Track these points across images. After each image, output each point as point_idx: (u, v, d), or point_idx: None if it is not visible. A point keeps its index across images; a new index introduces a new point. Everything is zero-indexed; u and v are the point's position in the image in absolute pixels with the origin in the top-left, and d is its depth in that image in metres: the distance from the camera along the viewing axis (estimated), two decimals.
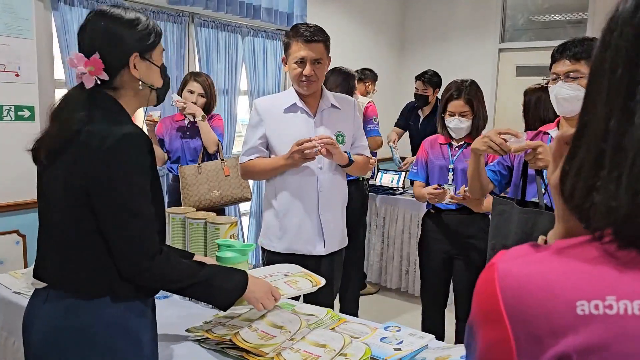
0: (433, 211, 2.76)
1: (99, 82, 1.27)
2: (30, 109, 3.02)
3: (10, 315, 1.86)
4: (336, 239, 2.25)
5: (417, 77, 4.29)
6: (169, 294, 1.85)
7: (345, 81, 3.37)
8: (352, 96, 3.47)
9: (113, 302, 1.25)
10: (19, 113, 2.97)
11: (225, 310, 1.43)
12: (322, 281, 1.75)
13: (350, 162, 2.16)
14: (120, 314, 1.26)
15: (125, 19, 1.31)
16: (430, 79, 4.18)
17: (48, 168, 1.29)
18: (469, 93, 2.57)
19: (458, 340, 2.86)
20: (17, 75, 2.94)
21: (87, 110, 1.26)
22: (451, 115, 2.58)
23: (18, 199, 2.99)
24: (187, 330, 1.58)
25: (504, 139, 1.78)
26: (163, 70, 1.40)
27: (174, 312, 1.75)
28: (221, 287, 1.38)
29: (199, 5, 3.68)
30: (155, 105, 1.45)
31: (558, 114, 1.85)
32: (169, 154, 3.16)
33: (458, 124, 2.57)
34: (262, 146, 2.17)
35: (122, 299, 1.26)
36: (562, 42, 1.82)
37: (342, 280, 2.43)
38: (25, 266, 2.95)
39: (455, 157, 2.68)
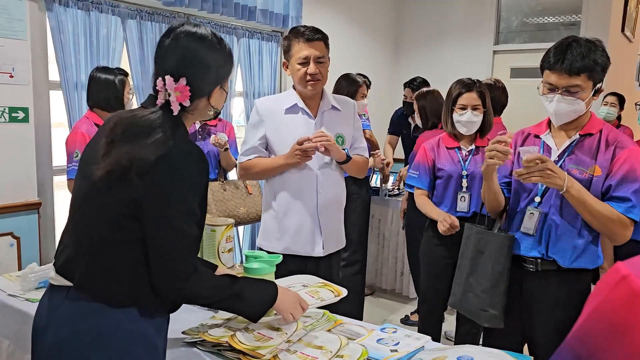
0: None
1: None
2: (25, 110, 3.00)
3: (4, 318, 1.85)
4: (334, 240, 2.25)
5: (406, 84, 4.27)
6: None
7: (351, 86, 3.43)
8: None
9: (137, 312, 1.25)
10: (13, 114, 2.96)
11: (256, 322, 1.43)
12: (344, 292, 1.72)
13: (349, 158, 2.16)
14: (142, 323, 1.26)
15: (217, 46, 1.30)
16: (419, 86, 4.16)
17: (103, 179, 1.22)
18: (480, 87, 2.52)
19: (457, 341, 2.86)
20: (11, 76, 2.93)
21: (167, 134, 1.23)
22: (462, 109, 2.47)
23: (12, 200, 2.97)
24: (183, 332, 1.58)
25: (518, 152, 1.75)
26: (227, 93, 1.41)
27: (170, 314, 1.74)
28: (252, 299, 1.38)
29: (194, 6, 3.67)
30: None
31: (554, 124, 1.84)
32: None
33: (471, 118, 2.46)
34: (261, 146, 2.17)
35: (146, 311, 1.27)
36: (560, 50, 1.71)
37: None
38: (20, 268, 2.93)
39: (467, 162, 2.54)
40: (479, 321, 1.97)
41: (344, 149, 2.14)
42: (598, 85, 1.75)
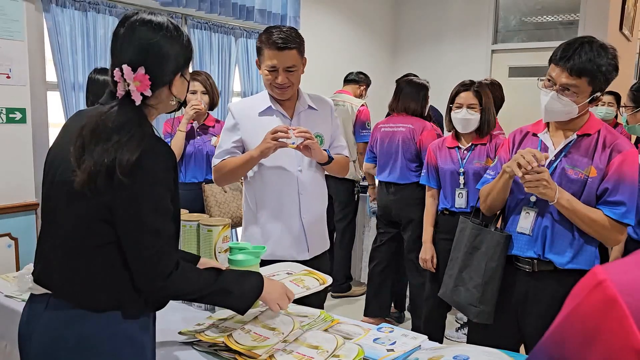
0: (447, 212, 2.74)
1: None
2: (22, 111, 3.00)
3: (2, 318, 1.85)
4: (319, 242, 2.20)
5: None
6: None
7: (421, 90, 3.39)
8: (426, 105, 3.40)
9: (120, 315, 1.25)
10: (11, 115, 2.96)
11: (243, 314, 1.43)
12: (329, 279, 1.73)
13: (330, 159, 2.10)
14: (127, 325, 1.25)
15: (174, 34, 1.27)
16: None
17: (85, 184, 1.18)
18: (479, 87, 2.63)
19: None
20: (9, 77, 2.93)
21: (136, 131, 1.20)
22: (459, 107, 2.60)
23: (10, 201, 2.97)
24: (180, 333, 1.58)
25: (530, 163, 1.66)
26: (189, 83, 1.38)
27: (166, 314, 1.74)
28: (238, 292, 1.37)
29: (192, 6, 3.67)
30: (169, 113, 1.42)
31: (543, 119, 1.83)
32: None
33: (466, 115, 2.58)
34: (235, 149, 2.10)
35: (130, 313, 1.26)
36: (570, 47, 1.69)
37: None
38: (18, 269, 2.93)
39: (464, 161, 2.65)
40: (468, 315, 1.99)
41: (324, 149, 2.10)
42: (597, 94, 1.72)
